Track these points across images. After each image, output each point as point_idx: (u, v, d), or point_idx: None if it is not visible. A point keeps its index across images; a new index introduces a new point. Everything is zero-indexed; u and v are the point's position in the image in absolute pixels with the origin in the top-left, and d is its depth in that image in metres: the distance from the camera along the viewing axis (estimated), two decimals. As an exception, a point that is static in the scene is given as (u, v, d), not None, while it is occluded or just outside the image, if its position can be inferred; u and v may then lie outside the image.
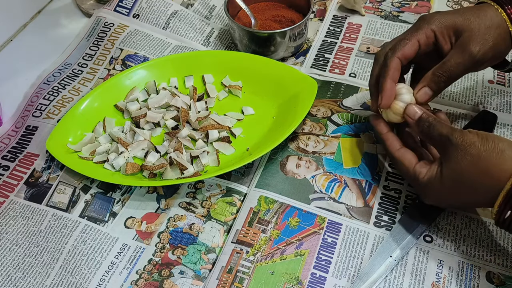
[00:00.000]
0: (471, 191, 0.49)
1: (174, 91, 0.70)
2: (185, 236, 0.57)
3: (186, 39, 0.81)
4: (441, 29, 0.56)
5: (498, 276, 0.52)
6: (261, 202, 0.59)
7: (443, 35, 0.56)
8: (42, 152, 0.66)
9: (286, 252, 0.55)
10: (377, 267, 0.53)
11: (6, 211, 0.60)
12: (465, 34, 0.55)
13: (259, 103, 0.70)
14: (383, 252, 0.54)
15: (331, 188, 0.60)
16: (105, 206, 0.60)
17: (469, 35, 0.54)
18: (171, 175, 0.61)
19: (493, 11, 0.55)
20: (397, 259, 0.53)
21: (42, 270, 0.55)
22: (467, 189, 0.49)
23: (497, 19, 0.55)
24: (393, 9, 0.84)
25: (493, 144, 0.48)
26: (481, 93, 0.70)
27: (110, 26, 0.81)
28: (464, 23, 0.55)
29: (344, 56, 0.77)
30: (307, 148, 0.65)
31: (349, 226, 0.57)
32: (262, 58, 0.72)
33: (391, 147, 0.56)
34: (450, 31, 0.56)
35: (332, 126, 0.67)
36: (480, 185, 0.48)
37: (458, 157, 0.48)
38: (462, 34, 0.55)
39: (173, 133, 0.66)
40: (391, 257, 0.53)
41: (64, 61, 0.79)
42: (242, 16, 0.79)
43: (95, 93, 0.69)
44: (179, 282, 0.54)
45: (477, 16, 0.55)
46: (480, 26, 0.54)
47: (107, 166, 0.63)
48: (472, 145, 0.48)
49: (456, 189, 0.50)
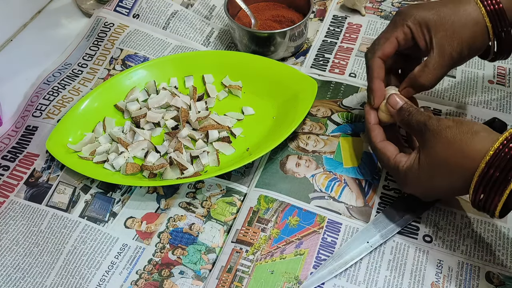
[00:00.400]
0: (447, 175, 0.49)
1: (174, 91, 0.70)
2: (185, 236, 0.57)
3: (186, 39, 0.81)
4: (415, 26, 0.56)
5: (497, 276, 0.52)
6: (260, 201, 0.59)
7: (417, 32, 0.56)
8: (42, 152, 0.66)
9: (285, 251, 0.55)
10: (352, 250, 0.54)
11: (6, 211, 0.60)
12: (440, 34, 0.55)
13: (259, 103, 0.70)
14: (361, 237, 0.55)
15: (331, 187, 0.60)
16: (105, 206, 0.61)
17: (444, 35, 0.55)
18: (171, 175, 0.61)
19: (473, 6, 0.55)
20: (374, 245, 0.54)
21: (42, 270, 0.55)
22: (443, 172, 0.49)
23: (475, 14, 0.54)
24: (393, 9, 0.84)
25: (467, 127, 0.48)
26: (481, 93, 0.70)
27: (110, 26, 0.81)
28: (438, 21, 0.55)
29: (344, 56, 0.77)
30: (307, 148, 0.65)
31: (349, 225, 0.57)
32: (262, 58, 0.72)
33: (375, 138, 0.58)
34: (424, 28, 0.56)
35: (332, 125, 0.67)
36: (456, 167, 0.48)
37: (434, 142, 0.50)
38: (437, 33, 0.55)
39: (173, 133, 0.66)
40: (367, 243, 0.54)
41: (64, 61, 0.79)
42: (242, 16, 0.79)
43: (95, 93, 0.69)
44: (179, 282, 0.54)
45: (453, 12, 0.55)
46: (454, 25, 0.54)
47: (107, 166, 0.63)
48: (447, 129, 0.49)
49: (433, 174, 0.50)
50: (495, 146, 0.45)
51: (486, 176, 0.46)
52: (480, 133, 0.48)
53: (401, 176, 0.53)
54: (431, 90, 0.71)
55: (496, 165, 0.45)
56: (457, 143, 0.48)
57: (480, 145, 0.47)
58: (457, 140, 0.48)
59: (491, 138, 0.47)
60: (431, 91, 0.71)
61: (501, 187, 0.45)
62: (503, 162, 0.45)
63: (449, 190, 0.51)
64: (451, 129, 0.49)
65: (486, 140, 0.47)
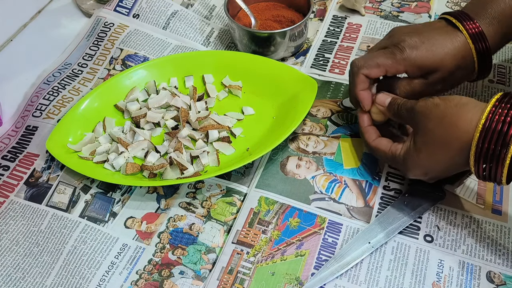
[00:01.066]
0: (445, 149, 0.50)
1: (174, 91, 0.70)
2: (185, 236, 0.57)
3: (186, 39, 0.81)
4: (412, 68, 0.57)
5: (498, 275, 0.52)
6: (261, 202, 0.59)
7: (413, 73, 0.58)
8: (42, 152, 0.66)
9: (286, 252, 0.55)
10: (353, 251, 0.54)
11: (6, 211, 0.60)
12: (436, 74, 0.57)
13: (259, 103, 0.70)
14: (363, 237, 0.55)
15: (331, 189, 0.60)
16: (105, 206, 0.60)
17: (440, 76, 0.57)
18: (171, 175, 0.61)
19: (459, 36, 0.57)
20: (375, 245, 0.54)
21: (42, 270, 0.55)
22: (441, 148, 0.50)
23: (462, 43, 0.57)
24: (393, 9, 0.84)
25: (455, 101, 0.49)
26: (481, 92, 0.70)
27: (110, 26, 0.81)
28: (434, 63, 0.56)
29: (344, 55, 0.77)
30: (307, 149, 0.65)
31: (350, 226, 0.57)
32: (262, 58, 0.72)
33: (369, 138, 0.59)
34: (422, 70, 0.57)
35: (332, 126, 0.67)
36: (451, 140, 0.49)
37: (425, 121, 0.51)
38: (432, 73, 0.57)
39: (173, 133, 0.65)
40: (369, 243, 0.54)
41: (64, 61, 0.79)
42: (242, 16, 0.79)
43: (95, 93, 0.69)
44: (179, 282, 0.54)
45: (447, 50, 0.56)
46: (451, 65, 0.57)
47: (107, 166, 0.63)
48: (436, 107, 0.50)
49: (431, 152, 0.51)
50: (482, 120, 0.46)
51: (483, 148, 0.46)
52: (469, 104, 0.49)
53: (401, 162, 0.54)
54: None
55: (490, 137, 0.46)
56: (447, 117, 0.49)
57: (470, 114, 0.48)
58: (447, 115, 0.49)
59: (480, 107, 0.48)
60: (432, 91, 0.71)
61: (501, 156, 0.46)
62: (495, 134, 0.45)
63: (450, 166, 0.52)
64: (439, 106, 0.50)
65: (475, 109, 0.48)
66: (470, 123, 0.47)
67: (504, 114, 0.46)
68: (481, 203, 0.58)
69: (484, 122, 0.46)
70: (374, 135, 0.59)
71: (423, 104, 0.52)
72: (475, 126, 0.47)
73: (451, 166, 0.52)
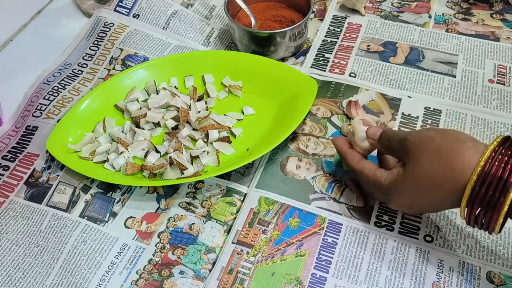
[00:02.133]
0: (435, 187, 0.47)
1: (174, 91, 0.70)
2: (185, 236, 0.57)
3: (186, 39, 0.81)
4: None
5: (498, 276, 0.52)
6: (261, 202, 0.59)
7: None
8: (42, 152, 0.66)
9: (286, 252, 0.55)
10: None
11: (6, 211, 0.60)
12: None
13: (259, 103, 0.70)
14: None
15: (331, 188, 0.60)
16: (105, 206, 0.60)
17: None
18: (171, 175, 0.61)
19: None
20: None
21: (42, 270, 0.55)
22: (431, 185, 0.47)
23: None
24: (393, 9, 0.84)
25: (452, 137, 0.47)
26: (481, 92, 0.70)
27: (110, 26, 0.81)
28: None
29: (344, 55, 0.77)
30: (307, 150, 0.65)
31: (350, 226, 0.57)
32: (262, 58, 0.72)
33: (352, 161, 0.56)
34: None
35: (332, 128, 0.67)
36: (444, 179, 0.46)
37: (418, 154, 0.48)
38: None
39: (173, 133, 0.65)
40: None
41: (64, 61, 0.79)
42: (242, 16, 0.79)
43: (95, 93, 0.69)
44: (179, 282, 0.54)
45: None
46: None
47: (107, 166, 0.63)
48: (431, 140, 0.47)
49: (419, 187, 0.48)
50: (481, 163, 0.44)
51: (480, 192, 0.44)
52: (467, 143, 0.46)
53: (384, 190, 0.52)
54: (431, 90, 0.71)
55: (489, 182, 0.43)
56: (442, 155, 0.46)
57: (468, 156, 0.45)
58: (442, 152, 0.46)
59: (478, 148, 0.45)
60: (431, 91, 0.71)
61: (498, 203, 0.43)
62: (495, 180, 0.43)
63: (439, 203, 0.49)
64: (434, 140, 0.47)
65: (473, 151, 0.45)
66: (467, 165, 0.44)
67: (504, 161, 0.43)
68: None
69: (483, 165, 0.44)
70: (357, 157, 0.56)
71: (417, 135, 0.49)
72: (472, 169, 0.44)
73: (438, 205, 0.50)
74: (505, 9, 0.83)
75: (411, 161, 0.48)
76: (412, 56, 0.76)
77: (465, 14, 0.83)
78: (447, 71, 0.73)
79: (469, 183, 0.44)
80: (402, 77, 0.73)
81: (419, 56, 0.76)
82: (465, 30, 0.80)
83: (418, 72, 0.74)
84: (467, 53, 0.76)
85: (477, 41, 0.78)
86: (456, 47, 0.77)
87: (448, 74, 0.73)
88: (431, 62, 0.75)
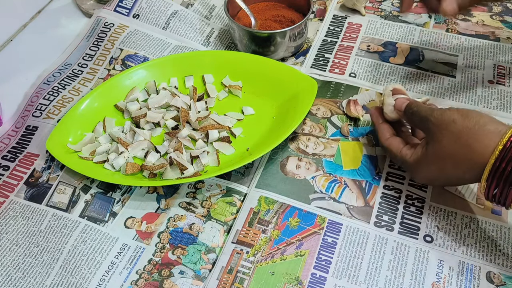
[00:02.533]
0: (456, 167, 0.50)
1: (174, 91, 0.70)
2: (185, 236, 0.57)
3: (186, 39, 0.81)
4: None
5: (498, 276, 0.52)
6: (261, 202, 0.59)
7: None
8: (42, 152, 0.66)
9: (286, 252, 0.55)
10: None
11: (6, 211, 0.60)
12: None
13: (259, 103, 0.70)
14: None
15: (331, 188, 0.60)
16: (105, 206, 0.60)
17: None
18: (171, 175, 0.61)
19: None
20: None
21: (42, 270, 0.55)
22: (452, 165, 0.50)
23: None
24: (393, 9, 0.84)
25: (474, 120, 0.48)
26: (481, 92, 0.70)
27: (110, 26, 0.81)
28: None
29: (344, 55, 0.77)
30: (307, 150, 0.65)
31: (350, 226, 0.57)
32: (262, 58, 0.72)
33: (382, 137, 0.60)
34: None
35: (331, 128, 0.67)
36: (464, 160, 0.49)
37: (440, 135, 0.50)
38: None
39: (173, 133, 0.66)
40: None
41: (64, 61, 0.79)
42: (242, 16, 0.79)
43: (95, 93, 0.69)
44: (179, 282, 0.54)
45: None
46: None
47: (107, 166, 0.63)
48: (452, 123, 0.49)
49: (441, 165, 0.51)
50: (503, 140, 0.46)
51: (498, 171, 0.46)
52: (487, 127, 0.48)
53: (409, 167, 0.56)
54: (431, 90, 0.71)
55: (508, 159, 0.45)
56: (463, 138, 0.48)
57: (488, 139, 0.47)
58: (463, 135, 0.48)
59: (499, 131, 0.47)
60: (431, 91, 0.71)
61: None
62: None
63: (459, 180, 0.53)
64: (456, 123, 0.49)
65: (493, 134, 0.47)
66: (487, 148, 0.47)
67: None
68: (481, 204, 0.58)
69: (501, 149, 0.45)
70: (388, 133, 0.60)
71: (439, 117, 0.51)
72: (491, 151, 0.46)
73: (459, 181, 0.53)
74: (505, 12, 0.83)
75: (433, 142, 0.52)
76: (412, 56, 0.76)
77: (465, 14, 0.83)
78: (447, 71, 0.73)
79: (488, 165, 0.46)
80: (402, 77, 0.73)
81: (419, 56, 0.76)
82: (465, 30, 0.80)
83: (418, 72, 0.74)
84: (467, 53, 0.76)
85: (477, 41, 0.78)
86: (456, 47, 0.77)
87: (448, 74, 0.73)
88: (431, 62, 0.75)
